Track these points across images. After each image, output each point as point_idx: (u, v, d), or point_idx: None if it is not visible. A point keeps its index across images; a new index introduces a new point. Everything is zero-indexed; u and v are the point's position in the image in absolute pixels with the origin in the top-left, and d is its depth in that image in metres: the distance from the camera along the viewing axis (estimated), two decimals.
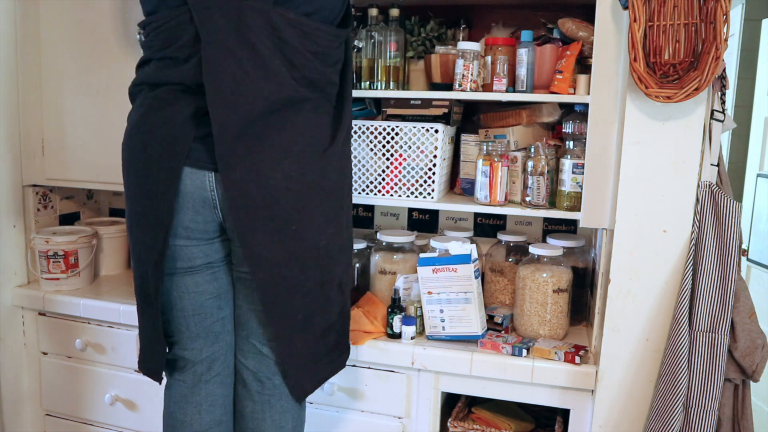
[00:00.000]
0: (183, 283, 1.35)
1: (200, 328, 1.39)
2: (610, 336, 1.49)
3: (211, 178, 1.26)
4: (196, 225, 1.30)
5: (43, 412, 2.05)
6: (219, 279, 1.39)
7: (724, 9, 1.27)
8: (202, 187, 1.27)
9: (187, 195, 1.27)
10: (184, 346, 1.40)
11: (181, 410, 1.40)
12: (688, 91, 1.31)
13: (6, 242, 1.98)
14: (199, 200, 1.28)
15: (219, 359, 1.42)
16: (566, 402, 1.60)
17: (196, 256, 1.33)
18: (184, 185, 1.26)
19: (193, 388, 1.40)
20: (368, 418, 1.73)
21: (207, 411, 1.40)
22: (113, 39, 1.89)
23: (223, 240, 1.37)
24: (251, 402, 1.43)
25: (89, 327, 1.94)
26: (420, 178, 1.70)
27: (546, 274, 1.65)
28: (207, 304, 1.38)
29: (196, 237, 1.31)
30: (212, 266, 1.37)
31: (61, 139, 1.99)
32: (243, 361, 1.43)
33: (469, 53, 1.63)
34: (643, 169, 1.42)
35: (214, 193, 1.27)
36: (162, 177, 1.25)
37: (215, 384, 1.42)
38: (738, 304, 1.40)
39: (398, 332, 1.68)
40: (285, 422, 1.43)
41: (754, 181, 2.79)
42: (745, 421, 1.43)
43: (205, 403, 1.40)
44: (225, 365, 1.43)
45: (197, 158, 1.25)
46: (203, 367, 1.40)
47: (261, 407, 1.42)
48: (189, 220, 1.29)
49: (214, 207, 1.29)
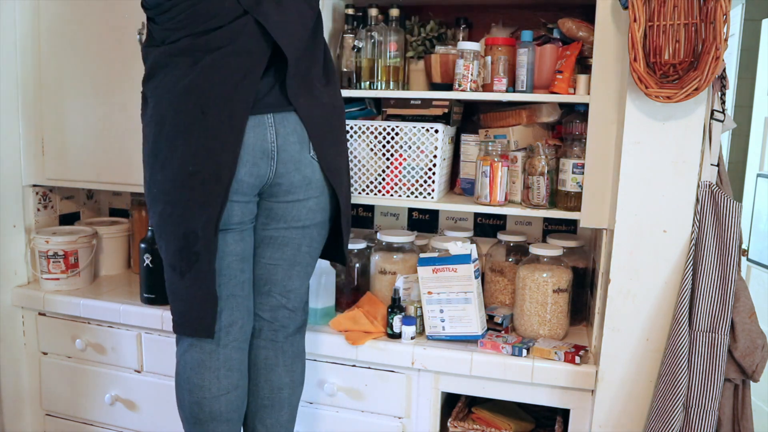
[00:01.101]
0: None
1: (222, 290, 1.41)
2: (610, 336, 1.49)
3: (272, 122, 1.36)
4: (249, 179, 1.36)
5: (43, 412, 2.05)
6: (245, 241, 1.44)
7: (724, 9, 1.27)
8: (263, 139, 1.35)
9: (248, 147, 1.34)
10: None
11: (199, 375, 1.42)
12: (688, 91, 1.31)
13: (6, 242, 1.98)
14: (260, 151, 1.36)
15: (237, 323, 1.44)
16: (566, 402, 1.60)
17: (234, 214, 1.39)
18: (247, 137, 1.34)
19: (212, 354, 1.42)
20: (368, 418, 1.73)
21: (225, 376, 1.43)
22: (113, 39, 1.89)
23: (254, 203, 1.44)
24: (264, 350, 1.51)
25: (89, 327, 1.94)
26: (420, 178, 1.70)
27: (546, 274, 1.65)
28: (233, 266, 1.42)
29: (241, 192, 1.37)
30: (243, 227, 1.42)
31: (61, 139, 1.99)
32: (260, 314, 1.50)
33: (469, 53, 1.63)
34: (643, 169, 1.42)
35: (274, 144, 1.37)
36: (224, 134, 1.31)
37: (232, 349, 1.44)
38: (738, 304, 1.40)
39: (398, 332, 1.68)
40: (296, 366, 1.53)
41: (754, 181, 2.79)
42: (745, 421, 1.43)
43: (224, 368, 1.42)
44: (242, 330, 1.46)
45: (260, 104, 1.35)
46: (222, 332, 1.42)
47: (274, 353, 1.50)
48: (245, 173, 1.35)
49: (271, 158, 1.37)
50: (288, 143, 1.39)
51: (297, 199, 1.44)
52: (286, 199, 1.44)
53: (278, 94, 1.37)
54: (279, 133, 1.37)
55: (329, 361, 1.73)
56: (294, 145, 1.39)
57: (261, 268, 1.50)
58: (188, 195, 1.33)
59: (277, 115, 1.37)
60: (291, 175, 1.41)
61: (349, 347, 1.67)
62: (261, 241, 1.49)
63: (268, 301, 1.50)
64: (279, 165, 1.39)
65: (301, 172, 1.41)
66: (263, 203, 1.46)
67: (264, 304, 1.50)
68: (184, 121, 1.32)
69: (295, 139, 1.39)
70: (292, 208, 1.45)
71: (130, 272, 2.21)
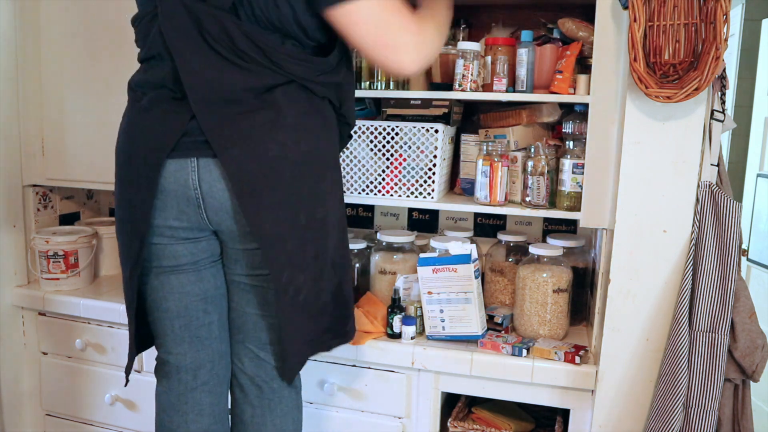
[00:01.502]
0: (168, 283, 1.35)
1: (185, 332, 1.37)
2: (610, 336, 1.49)
3: (194, 167, 1.23)
4: (180, 224, 1.29)
5: (43, 412, 2.05)
6: (205, 280, 1.36)
7: (724, 9, 1.27)
8: (185, 186, 1.24)
9: (170, 193, 1.26)
10: (169, 349, 1.39)
11: (169, 418, 1.39)
12: (688, 91, 1.31)
13: (6, 242, 1.98)
14: (183, 199, 1.26)
15: (205, 366, 1.39)
16: (566, 402, 1.60)
17: (181, 254, 1.32)
18: (167, 182, 1.25)
19: (180, 397, 1.38)
20: (368, 418, 1.73)
21: (194, 420, 1.38)
22: (113, 39, 1.89)
23: (209, 240, 1.35)
24: (250, 407, 1.41)
25: (89, 327, 1.94)
26: (420, 178, 1.70)
27: (546, 274, 1.65)
28: (192, 307, 1.36)
29: (180, 236, 1.31)
30: (197, 266, 1.35)
31: (61, 139, 1.99)
32: (240, 366, 1.41)
33: (469, 53, 1.63)
34: (643, 169, 1.42)
35: (197, 191, 1.24)
36: (141, 182, 1.26)
37: (202, 392, 1.39)
38: (738, 304, 1.40)
39: (398, 332, 1.68)
40: (286, 425, 1.42)
41: (754, 181, 2.79)
42: (745, 421, 1.43)
43: (192, 412, 1.38)
44: (213, 374, 1.40)
45: (182, 148, 1.23)
46: (189, 376, 1.38)
47: (261, 412, 1.40)
48: (173, 218, 1.28)
49: (197, 206, 1.26)
50: (215, 191, 1.23)
51: (246, 248, 1.29)
52: (235, 246, 1.31)
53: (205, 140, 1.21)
54: (203, 180, 1.23)
55: (329, 361, 1.73)
56: (222, 193, 1.23)
57: (232, 312, 1.40)
58: (121, 241, 1.33)
59: (201, 160, 1.22)
60: (228, 224, 1.26)
61: (348, 347, 1.67)
62: (229, 283, 1.39)
63: (244, 353, 1.40)
64: (210, 213, 1.26)
65: (240, 221, 1.25)
66: (221, 243, 1.35)
67: (241, 355, 1.40)
68: (118, 166, 1.31)
69: (222, 186, 1.23)
70: (244, 254, 1.31)
71: None
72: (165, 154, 1.23)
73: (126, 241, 1.31)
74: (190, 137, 1.22)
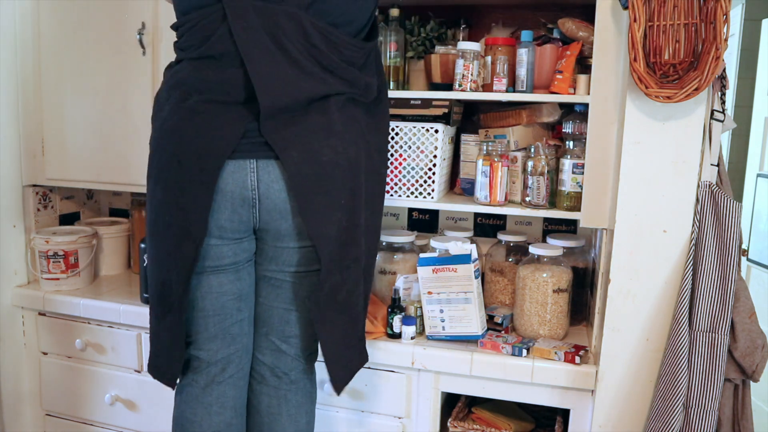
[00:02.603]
0: (207, 283, 1.35)
1: (218, 329, 1.39)
2: (610, 336, 1.49)
3: (253, 168, 1.27)
4: (231, 224, 1.30)
5: (43, 412, 2.05)
6: (242, 279, 1.39)
7: (724, 9, 1.27)
8: (243, 186, 1.27)
9: (227, 194, 1.28)
10: (200, 346, 1.40)
11: (192, 410, 1.40)
12: (688, 91, 1.31)
13: (6, 242, 1.98)
14: (239, 199, 1.28)
15: (234, 361, 1.41)
16: (566, 402, 1.60)
17: (225, 255, 1.34)
18: (224, 183, 1.27)
19: (205, 389, 1.40)
20: (368, 418, 1.73)
21: (217, 413, 1.40)
22: (113, 39, 1.89)
23: (250, 240, 1.37)
24: (267, 397, 1.44)
25: (89, 327, 1.94)
26: (420, 178, 1.70)
27: (546, 274, 1.65)
28: (228, 305, 1.38)
29: (227, 236, 1.32)
30: (237, 266, 1.37)
31: (61, 139, 1.99)
32: (260, 357, 1.44)
33: (469, 53, 1.63)
34: (643, 169, 1.42)
35: (255, 192, 1.28)
36: (195, 185, 1.26)
37: (228, 386, 1.41)
38: (738, 304, 1.40)
39: (398, 332, 1.68)
40: (300, 416, 1.45)
41: (754, 181, 2.79)
42: (745, 421, 1.43)
43: (216, 404, 1.40)
44: (239, 368, 1.42)
45: (242, 150, 1.26)
46: (217, 369, 1.40)
47: (277, 402, 1.44)
48: (225, 219, 1.30)
49: (252, 206, 1.29)
50: (272, 191, 1.28)
51: (287, 246, 1.35)
52: (276, 244, 1.35)
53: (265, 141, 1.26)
54: (261, 180, 1.28)
55: None
56: (279, 194, 1.29)
57: (258, 307, 1.43)
58: (163, 245, 1.32)
59: (261, 161, 1.27)
60: (277, 224, 1.31)
61: None
62: (259, 279, 1.42)
63: (266, 345, 1.43)
64: (262, 213, 1.30)
65: (289, 221, 1.31)
66: (257, 241, 1.39)
67: (263, 347, 1.44)
68: (163, 168, 1.29)
69: (280, 187, 1.29)
70: (283, 252, 1.35)
71: (130, 272, 2.21)
72: (226, 156, 1.25)
73: (174, 244, 1.30)
74: (248, 139, 1.26)
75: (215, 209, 1.28)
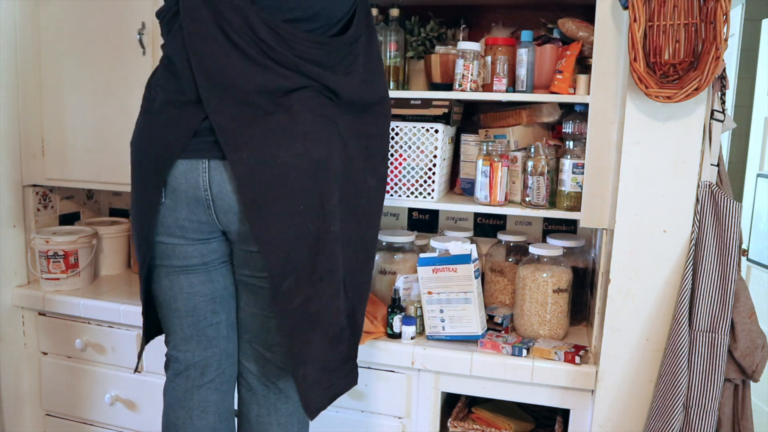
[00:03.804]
0: (178, 282, 1.35)
1: (193, 331, 1.38)
2: (610, 336, 1.49)
3: (205, 168, 1.24)
4: (190, 224, 1.29)
5: (43, 412, 2.05)
6: (214, 281, 1.37)
7: (724, 9, 1.27)
8: (195, 186, 1.25)
9: (181, 194, 1.26)
10: (177, 346, 1.40)
11: (174, 413, 1.40)
12: (688, 91, 1.31)
13: (6, 242, 1.98)
14: (193, 199, 1.26)
15: (212, 365, 1.40)
16: (566, 402, 1.60)
17: (191, 254, 1.33)
18: (178, 183, 1.26)
19: (186, 393, 1.39)
20: (368, 418, 1.73)
21: (198, 417, 1.39)
22: (113, 39, 1.89)
23: (219, 240, 1.35)
24: (257, 406, 1.41)
25: (89, 327, 1.94)
26: (420, 178, 1.70)
27: (546, 274, 1.65)
28: (201, 307, 1.37)
29: (190, 236, 1.31)
30: (207, 267, 1.36)
31: (61, 139, 1.99)
32: (246, 364, 1.42)
33: (469, 53, 1.63)
34: (643, 169, 1.42)
35: (208, 192, 1.25)
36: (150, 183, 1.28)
37: (208, 390, 1.40)
38: (738, 304, 1.40)
39: (398, 332, 1.68)
40: (291, 425, 1.42)
41: (754, 181, 2.79)
42: (745, 421, 1.43)
43: (197, 408, 1.39)
44: (219, 372, 1.41)
45: (193, 149, 1.24)
46: (196, 372, 1.39)
47: (267, 411, 1.41)
48: (183, 218, 1.29)
49: (207, 207, 1.27)
50: (224, 192, 1.24)
51: (252, 250, 1.29)
52: (242, 248, 1.32)
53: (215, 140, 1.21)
54: (213, 181, 1.24)
55: None
56: (232, 195, 1.24)
57: (240, 312, 1.41)
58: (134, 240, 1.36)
59: (213, 162, 1.23)
60: (235, 226, 1.28)
61: None
62: (238, 283, 1.39)
63: (251, 352, 1.41)
64: (219, 214, 1.27)
65: (246, 224, 1.25)
66: (231, 243, 1.35)
67: (248, 354, 1.41)
68: (132, 171, 1.33)
69: (233, 187, 1.23)
70: (253, 256, 1.30)
71: (130, 272, 2.21)
72: (175, 155, 1.24)
73: (137, 241, 1.34)
74: (200, 138, 1.23)
75: (173, 208, 1.28)
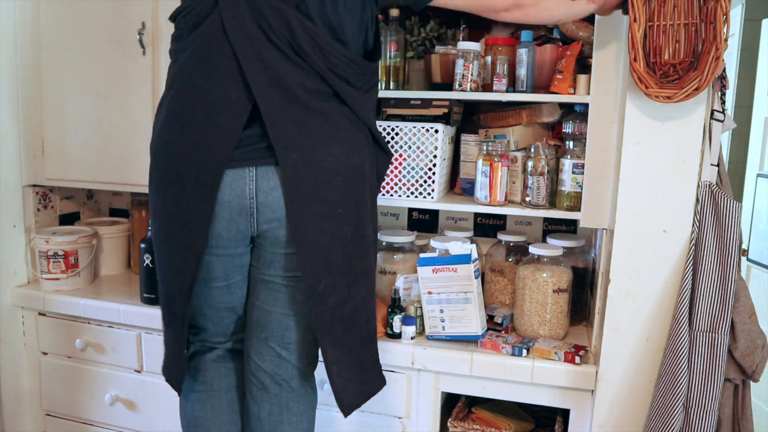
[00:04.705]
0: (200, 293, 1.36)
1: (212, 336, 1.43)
2: (610, 336, 1.49)
3: (252, 177, 1.25)
4: (228, 233, 1.29)
5: (43, 412, 2.05)
6: (234, 293, 1.39)
7: (724, 9, 1.27)
8: (242, 195, 1.25)
9: (225, 204, 1.26)
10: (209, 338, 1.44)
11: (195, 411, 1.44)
12: (688, 91, 1.31)
13: (6, 242, 1.98)
14: (237, 209, 1.26)
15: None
16: (566, 402, 1.60)
17: (215, 268, 1.33)
18: (223, 194, 1.25)
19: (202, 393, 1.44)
20: (368, 418, 1.72)
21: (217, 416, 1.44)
22: (113, 39, 1.89)
23: (242, 256, 1.36)
24: (269, 404, 1.41)
25: (89, 327, 1.94)
26: (420, 178, 1.70)
27: (546, 274, 1.65)
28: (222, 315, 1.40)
29: (223, 246, 1.31)
30: (229, 281, 1.36)
31: (61, 139, 1.99)
32: (260, 363, 1.41)
33: (469, 53, 1.63)
34: (643, 169, 1.42)
35: (253, 201, 1.26)
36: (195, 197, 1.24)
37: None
38: (738, 304, 1.40)
39: (398, 332, 1.68)
40: (301, 424, 1.43)
41: (754, 181, 2.79)
42: (745, 421, 1.43)
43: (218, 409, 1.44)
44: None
45: (239, 158, 1.24)
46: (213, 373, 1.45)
47: (279, 410, 1.41)
48: (222, 228, 1.28)
49: (250, 215, 1.27)
50: (270, 199, 1.26)
51: (286, 252, 1.31)
52: (274, 250, 1.32)
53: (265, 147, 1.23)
54: (260, 189, 1.25)
55: None
56: (278, 202, 1.26)
57: (257, 311, 1.39)
58: (166, 257, 1.33)
59: (260, 169, 1.25)
60: (275, 231, 1.29)
61: None
62: (256, 283, 1.39)
63: (266, 351, 1.39)
64: (260, 222, 1.28)
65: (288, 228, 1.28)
66: (255, 247, 1.36)
67: (263, 354, 1.39)
68: (161, 180, 1.29)
69: (279, 194, 1.26)
70: (282, 258, 1.32)
71: (130, 272, 2.21)
72: (224, 167, 1.23)
73: (176, 256, 1.30)
74: (247, 146, 1.23)
75: (212, 218, 1.27)
